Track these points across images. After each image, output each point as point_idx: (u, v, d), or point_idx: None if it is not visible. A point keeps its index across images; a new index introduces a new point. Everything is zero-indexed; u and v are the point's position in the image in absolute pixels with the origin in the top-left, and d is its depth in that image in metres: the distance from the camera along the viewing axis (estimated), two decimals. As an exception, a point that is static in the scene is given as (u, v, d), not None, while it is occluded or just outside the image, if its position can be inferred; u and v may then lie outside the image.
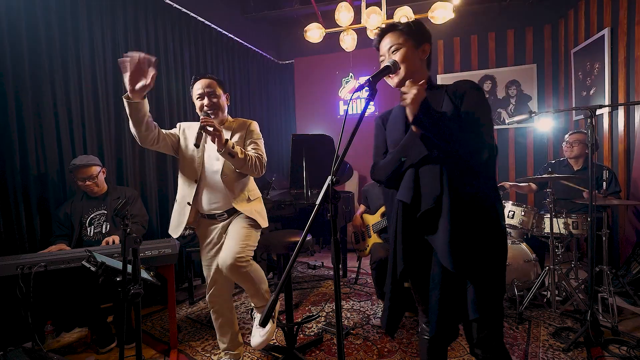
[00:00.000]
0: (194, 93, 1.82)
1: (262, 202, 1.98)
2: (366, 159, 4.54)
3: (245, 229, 1.79)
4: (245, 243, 1.74)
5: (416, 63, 1.24)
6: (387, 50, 1.24)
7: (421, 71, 1.25)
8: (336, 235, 0.97)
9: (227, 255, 1.69)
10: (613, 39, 3.23)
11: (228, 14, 4.38)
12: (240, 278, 1.72)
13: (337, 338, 0.97)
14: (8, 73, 2.22)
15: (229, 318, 1.95)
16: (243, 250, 1.71)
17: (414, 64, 1.23)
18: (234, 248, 1.70)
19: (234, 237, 1.76)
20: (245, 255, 1.71)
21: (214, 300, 1.91)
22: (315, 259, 4.17)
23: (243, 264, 1.69)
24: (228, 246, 1.74)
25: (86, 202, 2.42)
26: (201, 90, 1.78)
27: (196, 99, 1.81)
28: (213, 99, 1.79)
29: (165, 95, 3.31)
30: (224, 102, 1.84)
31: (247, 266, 1.71)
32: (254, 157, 1.75)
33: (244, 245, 1.73)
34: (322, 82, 5.17)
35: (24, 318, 1.72)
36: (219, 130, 1.62)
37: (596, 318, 2.02)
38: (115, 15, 2.89)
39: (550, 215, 2.47)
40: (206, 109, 1.77)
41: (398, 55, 1.22)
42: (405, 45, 1.22)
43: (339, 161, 0.99)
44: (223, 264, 1.70)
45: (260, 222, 1.86)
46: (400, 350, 2.11)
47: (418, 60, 1.24)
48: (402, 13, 3.06)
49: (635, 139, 2.97)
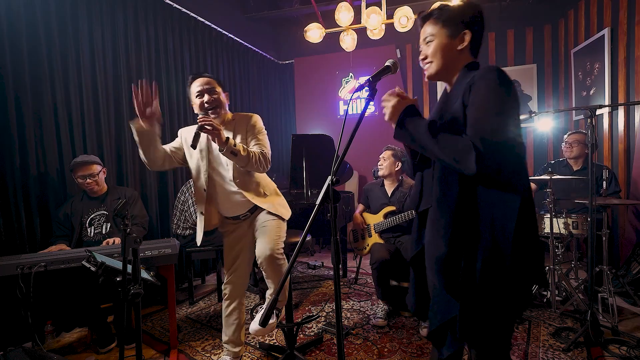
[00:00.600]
0: (193, 92, 1.78)
1: (278, 193, 1.98)
2: (366, 159, 4.56)
3: (273, 222, 1.82)
4: (278, 236, 1.80)
5: (452, 54, 1.12)
6: (423, 41, 1.16)
7: (460, 62, 1.13)
8: (336, 235, 0.97)
9: (266, 248, 1.73)
10: (613, 39, 3.23)
11: (228, 13, 4.38)
12: (275, 270, 1.75)
13: (337, 338, 0.97)
14: (8, 73, 2.22)
15: (239, 309, 1.96)
16: (278, 243, 1.77)
17: (449, 55, 1.12)
18: (270, 242, 1.75)
19: (266, 232, 1.79)
20: (281, 247, 1.78)
21: (229, 287, 1.94)
22: (315, 259, 4.17)
23: (280, 256, 1.75)
24: (264, 241, 1.76)
25: (86, 202, 2.42)
26: (200, 88, 1.75)
27: (195, 97, 1.77)
28: (213, 95, 1.76)
29: (165, 95, 3.32)
30: (224, 99, 1.82)
31: (283, 259, 1.77)
32: (257, 154, 1.73)
33: (277, 238, 1.79)
34: (322, 82, 5.17)
35: (24, 318, 1.72)
36: (218, 127, 1.59)
37: (596, 318, 2.02)
38: (115, 15, 2.89)
39: (550, 215, 2.47)
40: (207, 105, 1.74)
41: (430, 49, 1.14)
42: (438, 36, 1.12)
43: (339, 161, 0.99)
44: (262, 255, 1.73)
45: (284, 214, 1.90)
46: (400, 350, 2.11)
47: (455, 51, 1.12)
48: (402, 13, 3.06)
49: (635, 139, 2.97)
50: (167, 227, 3.32)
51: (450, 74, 1.15)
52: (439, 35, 1.12)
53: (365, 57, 4.85)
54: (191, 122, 3.62)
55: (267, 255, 1.71)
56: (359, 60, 4.91)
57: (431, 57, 1.14)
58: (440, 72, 1.14)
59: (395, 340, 2.23)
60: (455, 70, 1.14)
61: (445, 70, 1.14)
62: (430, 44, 1.14)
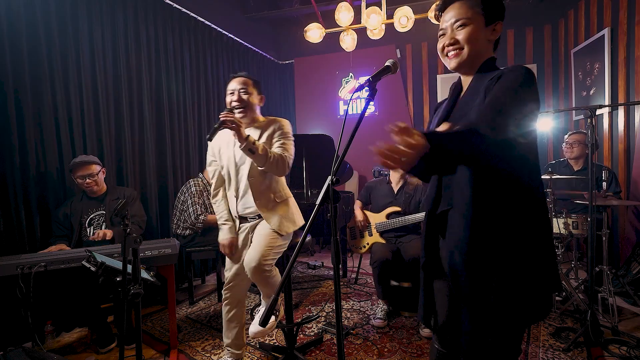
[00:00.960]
0: (227, 90, 1.82)
1: (289, 203, 1.95)
2: (366, 159, 4.56)
3: (271, 234, 1.80)
4: (271, 247, 1.76)
5: (483, 44, 1.04)
6: (451, 25, 1.05)
7: (486, 54, 1.06)
8: (336, 235, 0.97)
9: (253, 258, 1.72)
10: (613, 39, 3.23)
11: (228, 14, 4.38)
12: (262, 281, 1.76)
13: (337, 338, 0.97)
14: (8, 73, 2.22)
15: (239, 313, 1.95)
16: (268, 254, 1.74)
17: (481, 44, 1.04)
18: (261, 251, 1.72)
19: (260, 241, 1.77)
20: (270, 260, 1.74)
21: (231, 292, 1.92)
22: (315, 259, 4.17)
23: (267, 268, 1.73)
24: (254, 249, 1.76)
25: (85, 202, 2.43)
26: (233, 87, 1.79)
27: (227, 95, 1.82)
28: (242, 96, 1.78)
29: (166, 95, 3.32)
30: (255, 101, 1.83)
31: (270, 271, 1.75)
32: (277, 155, 1.74)
33: (268, 249, 1.75)
34: (322, 82, 5.17)
35: (24, 318, 1.72)
36: (239, 123, 1.62)
37: (596, 318, 2.02)
38: (115, 15, 2.89)
39: (550, 215, 2.47)
40: (233, 104, 1.77)
41: (463, 33, 1.03)
42: (475, 21, 1.02)
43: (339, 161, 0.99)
44: (248, 264, 1.73)
45: (289, 228, 1.86)
46: (400, 350, 2.11)
47: (486, 40, 1.05)
48: (402, 13, 3.06)
49: (635, 139, 2.97)
50: (167, 227, 3.32)
51: (475, 65, 1.06)
52: (476, 19, 1.02)
53: (365, 57, 4.85)
54: (191, 122, 3.62)
55: (252, 266, 1.70)
56: (359, 60, 4.91)
57: (464, 42, 1.03)
58: (471, 61, 1.05)
59: (395, 340, 2.23)
60: (479, 61, 1.06)
61: (474, 60, 1.05)
62: (463, 28, 1.03)
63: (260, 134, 1.82)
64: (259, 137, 1.81)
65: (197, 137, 3.75)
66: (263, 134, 1.83)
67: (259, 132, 1.83)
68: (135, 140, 3.04)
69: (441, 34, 1.09)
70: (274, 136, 1.83)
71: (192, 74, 3.66)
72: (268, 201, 1.84)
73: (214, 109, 3.97)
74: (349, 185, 4.72)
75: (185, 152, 3.57)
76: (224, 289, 1.93)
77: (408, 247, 2.50)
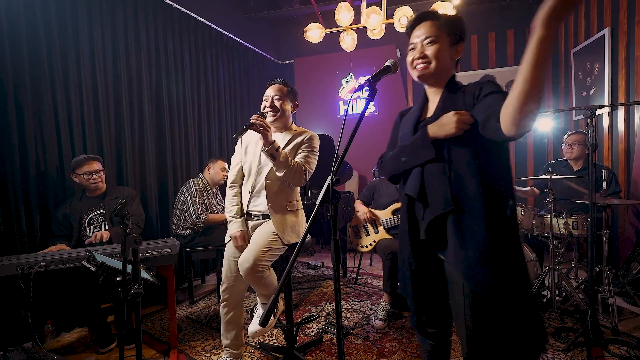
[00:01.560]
0: (264, 96, 1.90)
1: (298, 215, 1.96)
2: (366, 159, 4.56)
3: (271, 236, 1.80)
4: (268, 248, 1.76)
5: (447, 61, 1.17)
6: (421, 41, 1.17)
7: (449, 71, 1.20)
8: (336, 235, 0.97)
9: (248, 258, 1.72)
10: (613, 39, 3.23)
11: (228, 14, 4.38)
12: (255, 282, 1.75)
13: (337, 338, 0.97)
14: (8, 73, 2.22)
15: (237, 314, 1.94)
16: (263, 257, 1.73)
17: (445, 61, 1.17)
18: (255, 253, 1.72)
19: (258, 242, 1.77)
20: (264, 262, 1.73)
21: (228, 293, 1.90)
22: (315, 259, 4.17)
23: (259, 269, 1.72)
24: (250, 249, 1.76)
25: (85, 202, 2.43)
26: (268, 93, 1.88)
27: (263, 100, 1.90)
28: (276, 102, 1.85)
29: (166, 95, 3.32)
30: (287, 108, 1.90)
31: (262, 272, 1.74)
32: (297, 165, 1.78)
33: (265, 251, 1.75)
34: (322, 82, 5.17)
35: (24, 318, 1.72)
36: (267, 127, 1.68)
37: (596, 318, 2.02)
38: (115, 15, 2.89)
39: (550, 215, 2.47)
40: (266, 110, 1.85)
41: (432, 49, 1.15)
42: (441, 40, 1.16)
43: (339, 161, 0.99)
44: (242, 264, 1.73)
45: (288, 238, 1.85)
46: (400, 350, 2.11)
47: (449, 59, 1.18)
48: (402, 13, 3.06)
49: (635, 139, 2.97)
50: (167, 227, 3.32)
51: (440, 79, 1.19)
52: (442, 39, 1.15)
53: (365, 57, 4.85)
54: (191, 122, 3.62)
55: (246, 266, 1.70)
56: (359, 60, 4.91)
57: (432, 58, 1.15)
58: (435, 74, 1.17)
59: (395, 340, 2.23)
60: (444, 76, 1.18)
61: (439, 74, 1.17)
62: (432, 45, 1.15)
63: (289, 141, 1.87)
64: (286, 144, 1.86)
65: (197, 137, 3.75)
66: (292, 142, 1.88)
67: (287, 139, 1.88)
68: (135, 140, 3.04)
69: (411, 48, 1.20)
70: (300, 146, 1.88)
71: (192, 74, 3.66)
72: (279, 207, 1.86)
73: (214, 109, 3.97)
74: (349, 185, 4.72)
75: (185, 152, 3.57)
76: (222, 291, 1.92)
77: None
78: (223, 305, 1.92)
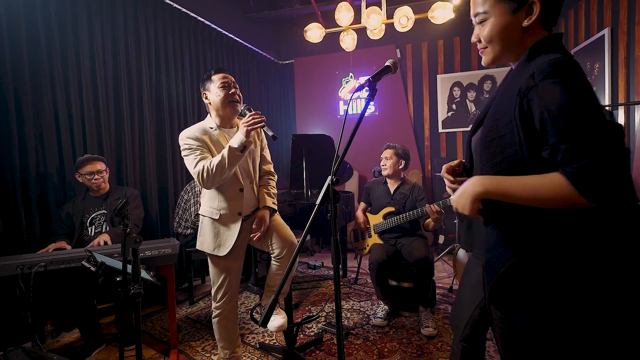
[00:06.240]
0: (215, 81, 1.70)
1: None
2: (366, 159, 4.56)
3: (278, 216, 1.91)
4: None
5: (515, 35, 0.86)
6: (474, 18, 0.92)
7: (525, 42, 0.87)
8: (336, 235, 0.97)
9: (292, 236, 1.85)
10: (613, 39, 3.23)
11: (228, 14, 4.38)
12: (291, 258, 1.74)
13: (337, 338, 0.97)
14: (8, 73, 2.22)
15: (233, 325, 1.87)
16: None
17: (511, 37, 0.87)
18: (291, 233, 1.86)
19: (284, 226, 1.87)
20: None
21: (227, 305, 1.80)
22: (315, 259, 4.17)
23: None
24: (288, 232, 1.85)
25: (88, 201, 2.43)
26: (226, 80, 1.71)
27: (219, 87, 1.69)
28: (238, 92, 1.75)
29: (165, 95, 3.31)
30: None
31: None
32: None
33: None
34: (322, 82, 5.17)
35: (24, 318, 1.72)
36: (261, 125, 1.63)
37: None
38: (115, 15, 2.89)
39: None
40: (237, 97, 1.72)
41: (485, 30, 0.89)
42: (494, 12, 0.87)
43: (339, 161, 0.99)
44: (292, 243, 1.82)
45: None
46: (400, 350, 2.11)
47: (516, 30, 0.86)
48: (402, 13, 3.06)
49: (635, 139, 2.97)
50: (167, 227, 3.32)
51: (516, 55, 0.90)
52: (495, 11, 0.87)
53: (365, 57, 4.85)
54: (191, 122, 3.62)
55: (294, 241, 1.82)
56: (359, 60, 4.91)
57: (486, 42, 0.90)
58: (501, 57, 0.91)
59: (395, 340, 2.23)
60: (522, 49, 0.88)
61: (507, 54, 0.90)
62: (484, 24, 0.89)
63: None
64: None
65: (197, 137, 3.74)
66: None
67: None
68: (135, 140, 3.04)
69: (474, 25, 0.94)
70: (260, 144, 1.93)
71: (192, 74, 3.66)
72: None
73: (214, 109, 3.96)
74: (349, 185, 4.72)
75: (185, 152, 3.56)
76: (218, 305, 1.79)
77: (412, 249, 2.46)
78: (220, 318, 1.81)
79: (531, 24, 0.85)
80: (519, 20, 0.85)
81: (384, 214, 2.72)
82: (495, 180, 0.80)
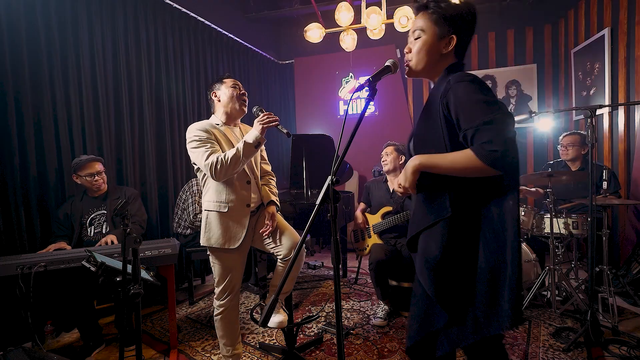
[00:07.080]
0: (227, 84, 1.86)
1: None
2: (366, 159, 4.56)
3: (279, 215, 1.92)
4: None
5: (435, 56, 1.11)
6: (412, 33, 1.13)
7: (440, 64, 1.12)
8: (336, 235, 0.97)
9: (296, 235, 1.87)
10: (613, 39, 3.23)
11: (228, 14, 4.38)
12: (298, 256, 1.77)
13: (337, 338, 0.97)
14: (8, 73, 2.22)
15: (235, 321, 1.88)
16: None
17: (431, 57, 1.11)
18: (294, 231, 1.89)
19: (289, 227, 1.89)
20: None
21: (230, 302, 1.81)
22: (315, 259, 4.17)
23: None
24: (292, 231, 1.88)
25: (86, 202, 2.43)
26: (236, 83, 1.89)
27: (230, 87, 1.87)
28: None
29: (165, 95, 3.31)
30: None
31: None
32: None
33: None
34: (322, 82, 5.17)
35: (24, 318, 1.72)
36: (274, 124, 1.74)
37: (596, 318, 2.02)
38: (115, 15, 2.89)
39: (550, 215, 2.47)
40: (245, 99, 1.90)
41: (416, 45, 1.12)
42: (429, 33, 1.10)
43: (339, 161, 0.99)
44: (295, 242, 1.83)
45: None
46: (400, 350, 2.11)
47: (437, 52, 1.11)
48: (402, 13, 3.06)
49: (635, 139, 2.97)
50: (167, 227, 3.32)
51: (432, 74, 1.15)
52: (429, 32, 1.10)
53: (365, 57, 4.85)
54: (191, 122, 3.62)
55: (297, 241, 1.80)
56: (359, 60, 4.91)
57: (415, 54, 1.13)
58: (420, 71, 1.14)
59: (395, 340, 2.23)
60: (437, 71, 1.13)
61: (425, 71, 1.14)
62: (417, 40, 1.12)
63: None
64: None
65: (197, 137, 3.74)
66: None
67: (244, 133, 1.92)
68: (135, 140, 3.04)
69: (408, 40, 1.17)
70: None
71: (192, 74, 3.66)
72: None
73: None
74: (349, 185, 4.72)
75: (185, 152, 3.54)
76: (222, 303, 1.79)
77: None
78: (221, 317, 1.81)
79: (448, 52, 1.11)
80: (440, 46, 1.10)
81: (382, 213, 2.73)
82: (427, 156, 1.05)
